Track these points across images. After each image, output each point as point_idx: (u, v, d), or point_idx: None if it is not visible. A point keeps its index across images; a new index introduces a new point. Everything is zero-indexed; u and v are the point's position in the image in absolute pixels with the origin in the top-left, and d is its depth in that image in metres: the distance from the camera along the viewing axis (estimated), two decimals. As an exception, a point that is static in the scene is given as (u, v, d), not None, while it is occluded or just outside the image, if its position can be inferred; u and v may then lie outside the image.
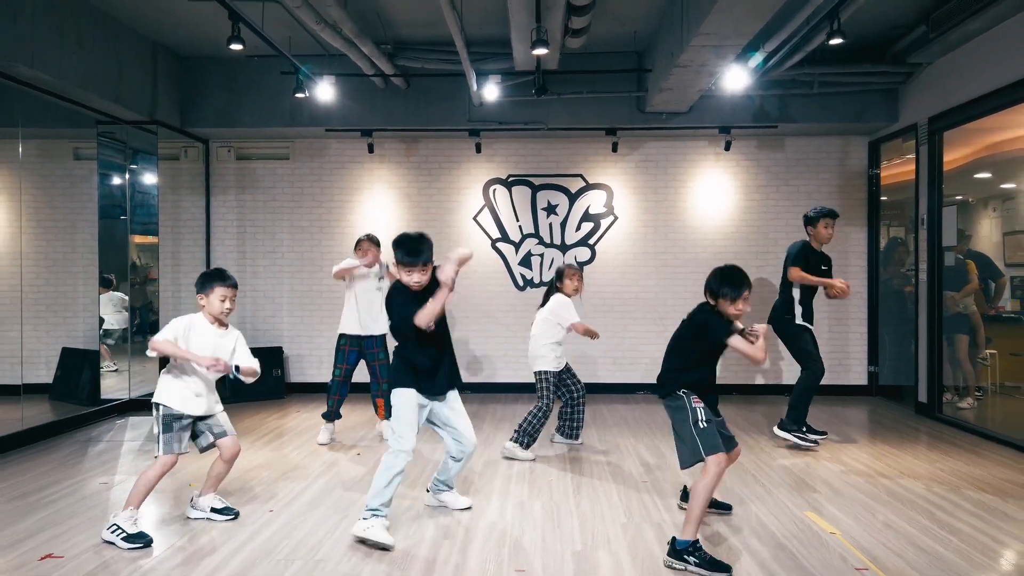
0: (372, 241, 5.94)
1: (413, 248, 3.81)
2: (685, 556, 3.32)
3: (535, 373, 5.50)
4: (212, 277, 3.92)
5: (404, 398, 3.83)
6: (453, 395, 4.01)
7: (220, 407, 4.02)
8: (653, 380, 8.41)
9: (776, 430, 5.71)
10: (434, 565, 3.39)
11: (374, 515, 3.66)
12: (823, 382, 5.76)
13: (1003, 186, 8.32)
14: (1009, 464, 5.21)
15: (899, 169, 7.99)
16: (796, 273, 5.61)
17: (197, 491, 4.12)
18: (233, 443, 3.99)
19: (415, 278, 3.79)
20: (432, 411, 3.95)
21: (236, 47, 5.42)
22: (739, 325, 3.63)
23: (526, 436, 5.33)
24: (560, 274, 5.59)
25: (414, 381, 3.84)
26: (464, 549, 3.59)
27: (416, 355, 3.83)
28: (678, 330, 3.84)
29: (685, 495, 4.20)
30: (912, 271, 7.54)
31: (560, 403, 5.75)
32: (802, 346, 5.68)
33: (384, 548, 3.56)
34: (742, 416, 6.93)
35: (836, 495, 4.48)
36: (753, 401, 7.77)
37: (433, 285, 3.79)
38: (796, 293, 5.69)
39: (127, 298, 7.60)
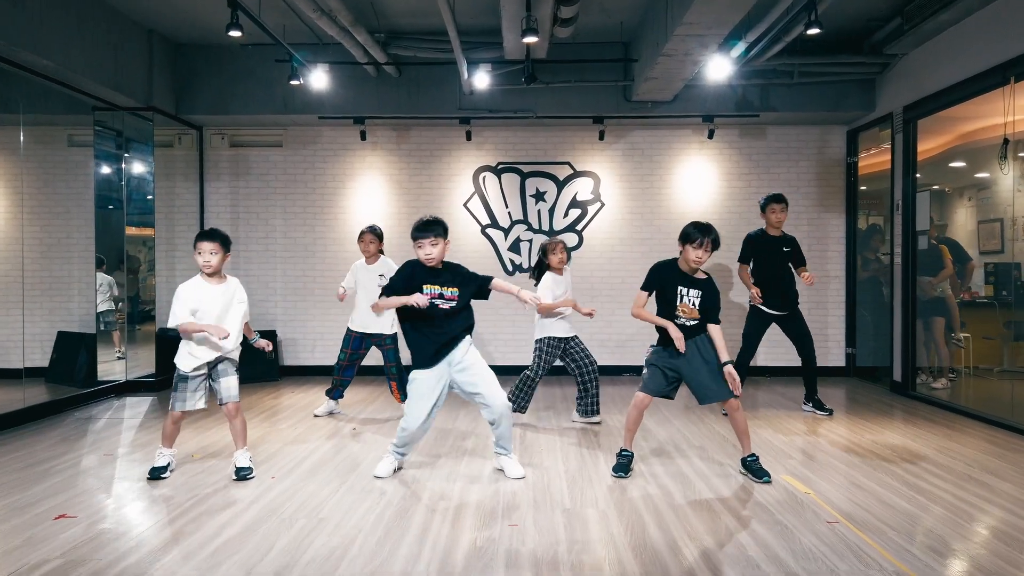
0: (375, 233, 6.04)
1: (422, 223, 4.17)
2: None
3: (535, 341, 5.70)
4: (196, 236, 4.35)
5: (417, 380, 4.19)
6: (470, 359, 4.25)
7: (230, 360, 4.37)
8: (638, 363, 8.64)
9: (803, 407, 6.41)
10: (430, 524, 3.59)
11: (390, 453, 4.37)
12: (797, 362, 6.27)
13: (977, 175, 8.61)
14: (980, 437, 5.47)
15: (876, 159, 8.24)
16: (742, 273, 6.30)
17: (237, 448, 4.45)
18: (233, 407, 4.39)
19: (424, 251, 4.13)
20: (454, 381, 4.25)
21: (235, 34, 5.57)
22: (700, 275, 4.29)
23: (514, 400, 5.58)
24: (544, 250, 5.74)
25: (424, 358, 4.19)
26: (459, 509, 3.79)
27: (424, 328, 4.19)
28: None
29: (744, 463, 4.41)
30: (888, 256, 7.80)
31: (574, 381, 5.92)
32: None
33: (376, 476, 4.28)
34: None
35: (811, 462, 4.72)
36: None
37: (450, 273, 4.26)
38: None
39: (112, 281, 7.72)
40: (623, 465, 4.37)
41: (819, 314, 8.46)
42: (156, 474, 4.29)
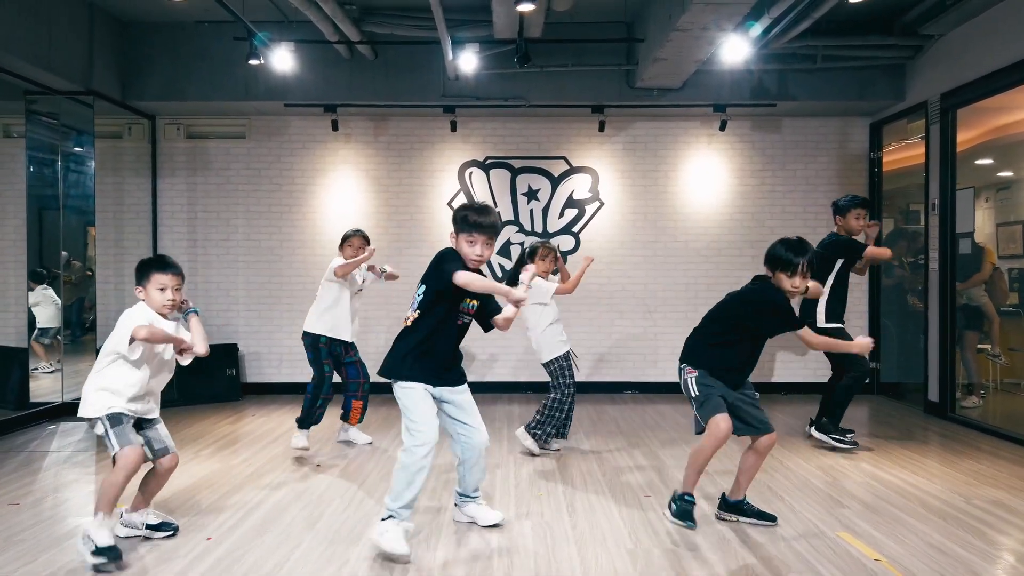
0: (364, 238, 5.27)
1: (486, 212, 3.39)
2: (671, 504, 3.62)
3: (545, 365, 5.02)
4: (149, 265, 3.37)
5: (412, 392, 3.34)
6: (464, 387, 3.51)
7: (158, 412, 3.48)
8: (641, 379, 7.84)
9: (813, 431, 5.29)
10: (406, 611, 2.75)
11: (391, 517, 3.22)
12: (817, 380, 5.53)
13: (1000, 174, 7.91)
14: (1045, 470, 4.71)
15: (902, 154, 7.52)
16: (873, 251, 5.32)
17: (125, 508, 3.46)
18: (172, 459, 3.44)
19: (477, 250, 3.36)
20: (441, 400, 3.44)
21: (176, -2, 4.70)
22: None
23: (540, 428, 4.92)
24: (533, 252, 5.01)
25: (423, 371, 3.34)
26: (443, 588, 2.95)
27: (438, 339, 3.35)
28: (726, 305, 3.67)
29: (724, 503, 3.70)
30: (920, 261, 7.06)
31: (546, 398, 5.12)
32: None
33: (396, 559, 3.12)
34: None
35: (867, 510, 3.92)
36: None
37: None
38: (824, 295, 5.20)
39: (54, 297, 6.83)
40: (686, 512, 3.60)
41: (840, 324, 7.69)
42: (113, 555, 3.10)
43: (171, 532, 3.48)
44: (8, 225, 7.18)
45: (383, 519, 3.24)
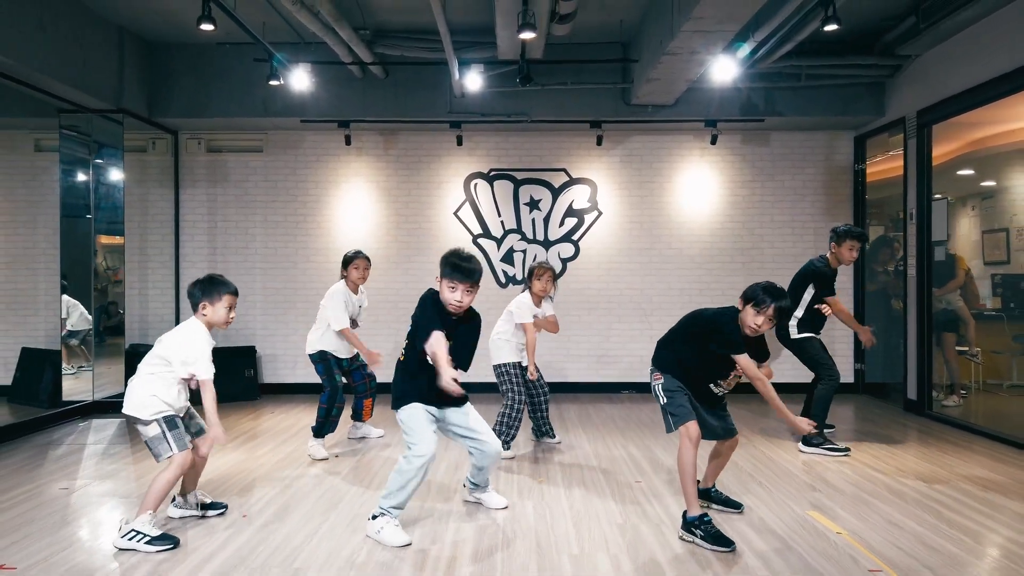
0: (367, 259, 5.57)
1: (468, 260, 3.55)
2: (692, 529, 3.49)
3: (494, 367, 5.23)
4: (220, 284, 3.73)
5: (411, 411, 3.60)
6: (467, 406, 3.80)
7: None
8: (638, 379, 8.23)
9: (801, 447, 5.36)
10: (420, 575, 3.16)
11: (383, 514, 3.51)
12: (804, 381, 5.76)
13: (983, 184, 8.30)
14: (1005, 460, 5.10)
15: (884, 166, 7.91)
16: (839, 306, 5.62)
17: (175, 490, 3.86)
18: (208, 440, 3.82)
19: (457, 296, 3.52)
20: (446, 420, 3.74)
21: (206, 27, 5.15)
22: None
23: (501, 435, 5.05)
24: (530, 273, 5.36)
25: (419, 392, 3.61)
26: (452, 562, 3.36)
27: (427, 366, 3.53)
28: (689, 318, 3.84)
29: (705, 493, 4.01)
30: (900, 268, 7.45)
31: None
32: (811, 355, 5.54)
33: (400, 546, 3.44)
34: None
35: (837, 493, 4.32)
36: (744, 400, 7.61)
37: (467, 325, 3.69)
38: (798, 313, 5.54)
39: (78, 305, 7.22)
40: (717, 536, 3.55)
41: (826, 329, 8.04)
42: (173, 542, 3.46)
43: (222, 511, 3.90)
44: (39, 234, 7.63)
45: (373, 517, 3.52)
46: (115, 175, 7.22)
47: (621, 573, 3.15)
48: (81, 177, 7.10)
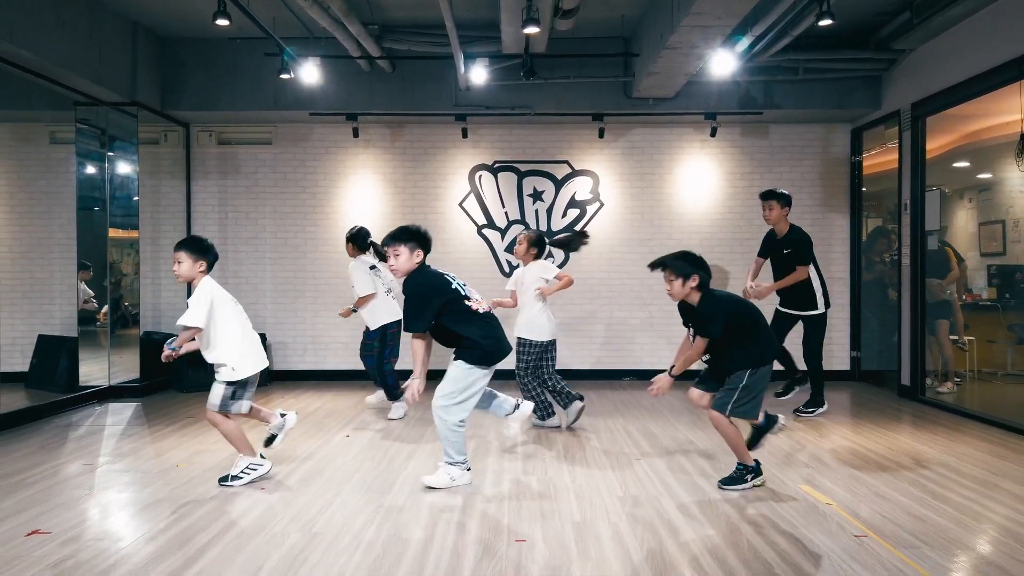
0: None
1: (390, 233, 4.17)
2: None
3: (522, 340, 5.44)
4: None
5: (477, 378, 4.04)
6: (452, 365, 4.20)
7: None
8: (639, 366, 8.38)
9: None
10: (431, 543, 3.35)
11: (457, 465, 4.10)
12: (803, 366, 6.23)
13: (980, 176, 8.46)
14: (992, 440, 5.28)
15: (881, 158, 8.07)
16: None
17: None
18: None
19: (389, 261, 4.16)
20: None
21: (222, 22, 5.33)
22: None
23: (540, 408, 5.49)
24: (513, 243, 5.67)
25: (488, 356, 4.04)
26: (463, 522, 3.56)
27: (484, 326, 4.05)
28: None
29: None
30: (895, 258, 7.62)
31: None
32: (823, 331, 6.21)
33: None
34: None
35: (828, 469, 4.51)
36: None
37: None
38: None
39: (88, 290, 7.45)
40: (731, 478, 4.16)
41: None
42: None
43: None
44: (54, 224, 7.83)
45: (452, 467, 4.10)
46: (129, 167, 7.41)
47: (620, 538, 3.35)
48: (96, 169, 7.29)
